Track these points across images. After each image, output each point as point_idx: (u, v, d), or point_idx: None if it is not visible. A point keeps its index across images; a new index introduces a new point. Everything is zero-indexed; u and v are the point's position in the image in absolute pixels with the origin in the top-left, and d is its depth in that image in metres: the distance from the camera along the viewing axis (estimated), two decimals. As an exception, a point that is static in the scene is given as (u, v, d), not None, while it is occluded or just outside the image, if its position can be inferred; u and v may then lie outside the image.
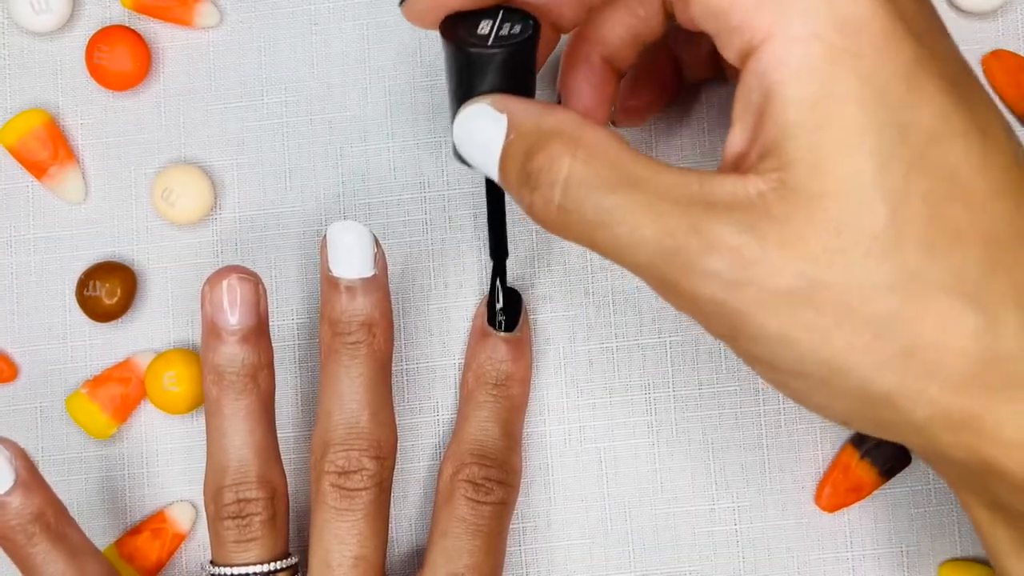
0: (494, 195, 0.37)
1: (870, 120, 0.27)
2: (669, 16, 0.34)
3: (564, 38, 0.37)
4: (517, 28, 0.32)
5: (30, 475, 0.36)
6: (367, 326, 0.36)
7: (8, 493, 0.35)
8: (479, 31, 0.32)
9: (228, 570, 0.36)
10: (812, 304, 0.27)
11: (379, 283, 0.37)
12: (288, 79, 0.42)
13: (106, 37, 0.41)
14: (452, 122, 0.33)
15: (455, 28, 0.32)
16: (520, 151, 0.30)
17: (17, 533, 0.35)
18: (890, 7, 0.27)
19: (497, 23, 0.32)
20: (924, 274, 0.26)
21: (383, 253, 0.37)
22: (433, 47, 0.42)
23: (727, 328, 0.28)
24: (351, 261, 0.36)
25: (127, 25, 0.42)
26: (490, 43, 0.32)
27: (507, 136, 0.31)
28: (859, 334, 0.27)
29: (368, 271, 0.36)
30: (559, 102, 0.36)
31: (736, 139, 0.29)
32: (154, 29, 0.42)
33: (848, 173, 0.26)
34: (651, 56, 0.38)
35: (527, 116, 0.31)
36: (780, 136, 0.27)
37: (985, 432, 0.27)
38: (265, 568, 0.36)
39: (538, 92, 0.35)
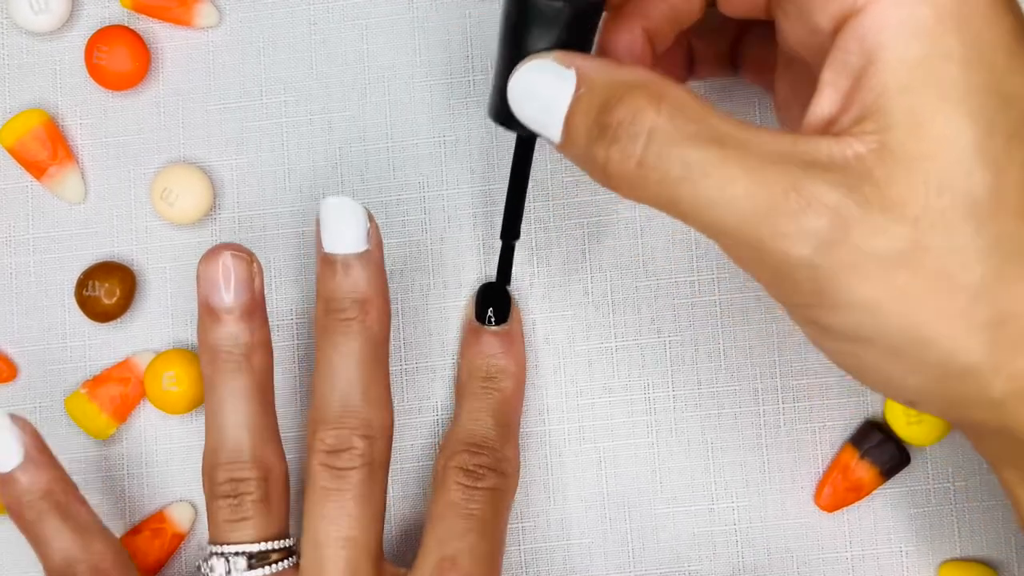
0: (520, 171, 0.36)
1: (973, 84, 0.27)
2: (709, 1, 0.34)
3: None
4: None
5: (39, 453, 0.36)
6: (359, 303, 0.36)
7: (17, 470, 0.36)
8: None
9: (221, 548, 0.36)
10: (908, 268, 0.27)
11: (372, 258, 0.36)
12: (287, 79, 0.42)
13: (105, 37, 0.41)
14: (497, 80, 0.32)
15: None
16: (593, 105, 0.29)
17: (26, 509, 0.36)
18: None
19: None
20: (1019, 244, 0.26)
21: (377, 228, 0.36)
22: (432, 47, 0.42)
23: (810, 294, 0.28)
24: (343, 236, 0.36)
25: (126, 25, 0.42)
26: None
27: (576, 90, 0.30)
28: (953, 301, 0.27)
29: (361, 246, 0.36)
30: None
31: (825, 103, 0.28)
32: (153, 29, 0.42)
33: (951, 135, 0.26)
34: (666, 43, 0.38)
35: (600, 71, 0.30)
36: (881, 97, 0.27)
37: None
38: (257, 547, 0.36)
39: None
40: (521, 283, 0.41)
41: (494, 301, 0.40)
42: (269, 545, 0.36)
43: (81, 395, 0.41)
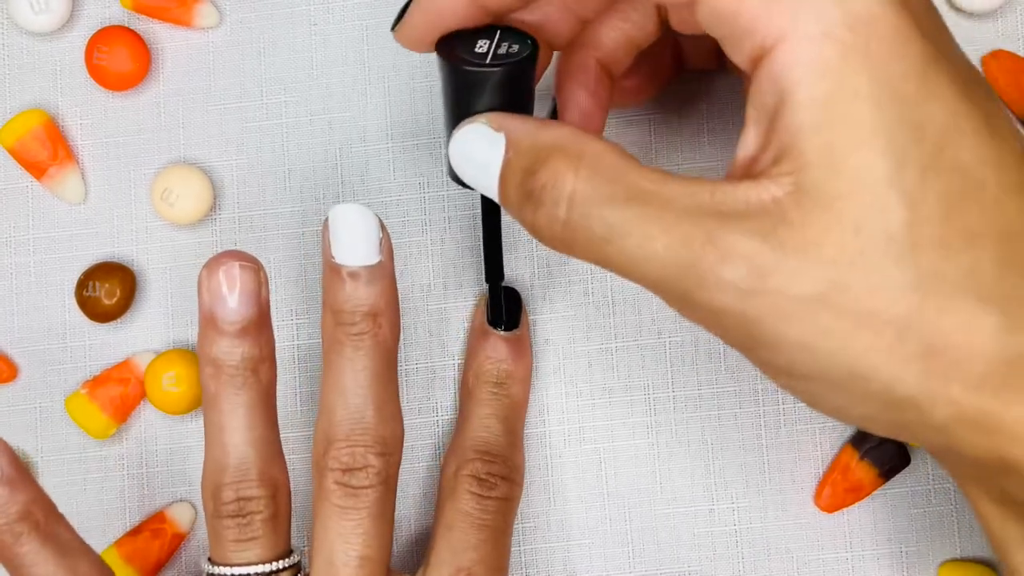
0: (490, 217, 0.36)
1: (884, 119, 0.27)
2: (664, 21, 0.34)
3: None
4: (515, 47, 0.32)
5: (16, 471, 0.34)
6: (372, 316, 0.35)
7: None
8: (477, 50, 0.32)
9: (228, 570, 0.35)
10: (831, 308, 0.27)
11: (385, 270, 0.35)
12: (287, 79, 0.42)
13: (105, 37, 0.41)
14: (447, 142, 0.33)
15: (452, 48, 0.32)
16: (519, 169, 0.30)
17: (3, 533, 0.34)
18: (900, 6, 0.27)
19: (495, 42, 0.32)
20: (941, 274, 0.26)
21: (389, 238, 0.35)
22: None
23: (744, 338, 0.28)
24: (355, 247, 0.35)
25: (126, 25, 0.42)
26: (488, 61, 0.32)
27: (505, 154, 0.31)
28: (880, 336, 0.27)
29: (373, 258, 0.35)
30: (555, 107, 0.36)
31: (749, 142, 0.29)
32: (153, 29, 0.42)
33: (864, 173, 0.26)
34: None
35: (525, 133, 0.30)
36: (794, 138, 0.27)
37: (1004, 430, 0.27)
38: (266, 568, 0.35)
39: (534, 105, 0.35)
40: (521, 283, 0.41)
41: (507, 306, 0.40)
42: (279, 564, 0.35)
43: (81, 395, 0.41)
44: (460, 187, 0.33)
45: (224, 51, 0.42)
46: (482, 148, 0.31)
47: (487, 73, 0.32)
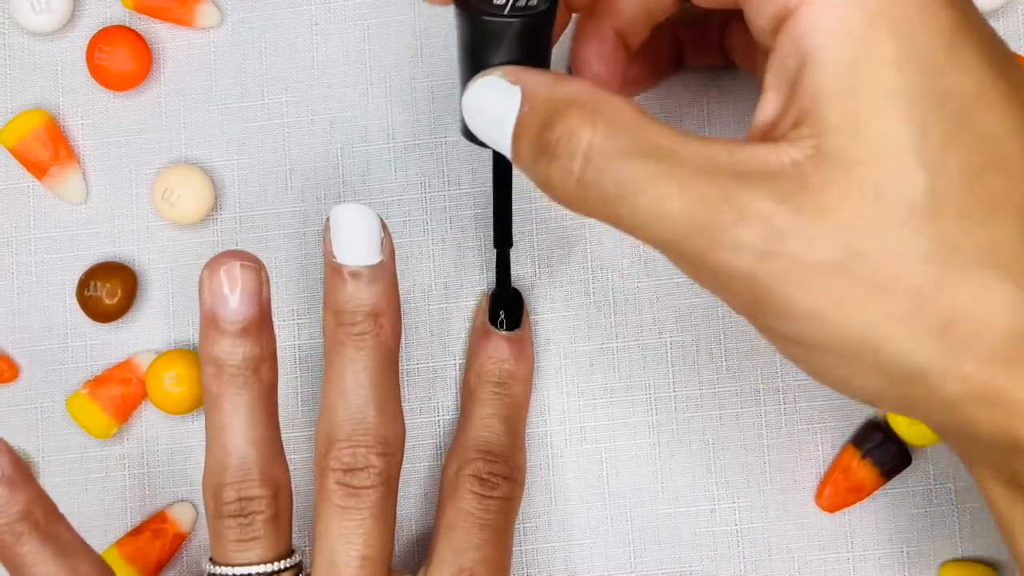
0: (502, 180, 0.36)
1: (909, 85, 0.26)
2: None
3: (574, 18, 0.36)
4: (535, 0, 0.31)
5: (16, 471, 0.34)
6: (373, 316, 0.35)
7: None
8: (495, 1, 0.31)
9: (229, 570, 0.35)
10: (847, 275, 0.26)
11: (386, 270, 0.35)
12: (288, 79, 0.42)
13: (107, 37, 0.41)
14: (461, 96, 0.32)
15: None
16: (535, 123, 0.29)
17: (3, 532, 0.34)
18: None
19: None
20: (961, 245, 0.26)
21: (390, 237, 0.35)
22: (433, 48, 0.42)
23: (751, 303, 0.28)
24: (356, 247, 0.35)
25: (127, 25, 0.42)
26: (506, 13, 0.31)
27: (520, 108, 0.30)
28: (895, 306, 0.26)
29: (375, 258, 0.35)
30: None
31: (768, 107, 0.28)
32: (155, 29, 0.42)
33: (886, 140, 0.26)
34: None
35: (542, 86, 0.30)
36: (816, 101, 0.27)
37: (1015, 407, 0.26)
38: (268, 568, 0.35)
39: (551, 61, 0.34)
40: (523, 283, 0.41)
41: (507, 306, 0.40)
42: (280, 564, 0.35)
43: (82, 395, 0.41)
44: (472, 143, 0.33)
45: (225, 51, 0.42)
46: (497, 101, 0.30)
47: (505, 24, 0.31)
